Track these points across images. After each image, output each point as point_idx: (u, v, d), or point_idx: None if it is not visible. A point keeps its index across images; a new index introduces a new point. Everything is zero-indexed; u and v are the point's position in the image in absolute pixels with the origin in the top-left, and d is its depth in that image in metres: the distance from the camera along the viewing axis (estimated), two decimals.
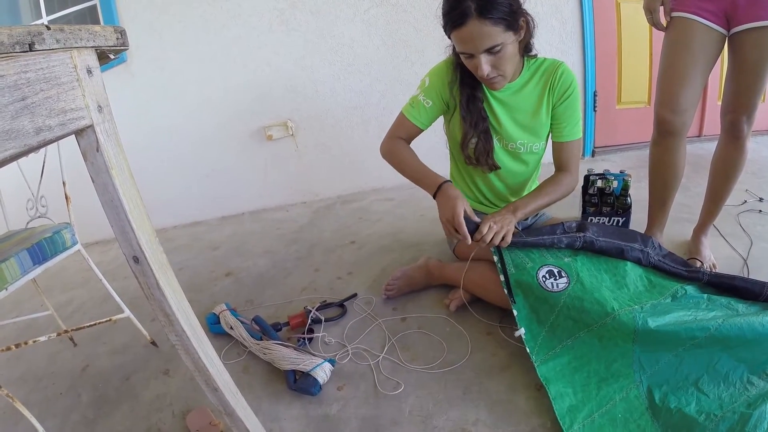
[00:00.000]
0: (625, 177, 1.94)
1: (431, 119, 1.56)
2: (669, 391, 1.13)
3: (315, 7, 2.73)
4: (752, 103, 1.55)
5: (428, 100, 1.51)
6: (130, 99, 2.74)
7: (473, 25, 1.23)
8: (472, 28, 1.24)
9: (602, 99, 3.20)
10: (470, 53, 1.30)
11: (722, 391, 1.10)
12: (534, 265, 1.40)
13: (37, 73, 0.56)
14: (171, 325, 0.80)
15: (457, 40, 1.30)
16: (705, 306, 1.29)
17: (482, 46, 1.26)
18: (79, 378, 1.56)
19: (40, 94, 0.56)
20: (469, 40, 1.26)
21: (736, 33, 1.49)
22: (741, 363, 1.13)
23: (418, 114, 1.53)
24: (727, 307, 1.28)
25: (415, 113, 1.53)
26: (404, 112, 1.55)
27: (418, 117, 1.53)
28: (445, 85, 1.50)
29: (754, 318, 1.16)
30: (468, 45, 1.28)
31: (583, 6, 2.96)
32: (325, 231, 2.52)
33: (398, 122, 1.58)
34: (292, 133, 2.90)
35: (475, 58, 1.30)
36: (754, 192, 2.39)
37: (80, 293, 2.19)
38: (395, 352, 1.46)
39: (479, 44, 1.26)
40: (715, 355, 1.14)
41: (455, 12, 1.24)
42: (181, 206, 3.02)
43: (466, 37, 1.26)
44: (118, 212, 0.71)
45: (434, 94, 1.51)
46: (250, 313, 1.75)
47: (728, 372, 1.12)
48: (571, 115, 1.50)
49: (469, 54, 1.30)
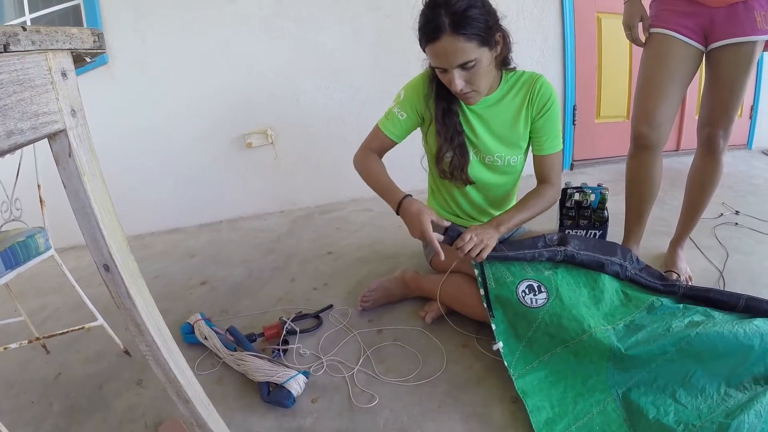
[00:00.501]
0: (602, 190, 1.95)
1: (405, 132, 1.56)
2: (647, 401, 1.13)
3: (298, 15, 2.72)
4: (729, 117, 1.58)
5: (402, 112, 1.51)
6: (110, 101, 2.70)
7: (446, 40, 1.23)
8: (446, 44, 1.24)
9: (581, 113, 3.24)
10: (444, 68, 1.30)
11: (700, 403, 1.10)
12: (514, 279, 1.41)
13: (10, 75, 0.54)
14: (141, 335, 0.79)
15: (431, 55, 1.30)
16: (681, 314, 1.30)
17: (455, 62, 1.26)
18: (51, 386, 1.52)
19: (12, 97, 0.55)
20: (443, 55, 1.26)
21: (714, 49, 1.52)
22: (717, 376, 1.13)
23: (392, 126, 1.53)
24: (704, 314, 1.29)
25: (390, 126, 1.53)
26: (379, 124, 1.55)
27: (392, 130, 1.53)
28: (420, 99, 1.50)
29: (728, 329, 1.16)
30: (441, 60, 1.28)
31: (564, 21, 3.00)
32: (303, 241, 2.50)
33: (372, 134, 1.58)
34: (272, 141, 2.88)
35: (448, 73, 1.30)
36: (731, 205, 2.43)
37: (54, 299, 2.15)
38: (370, 365, 1.44)
39: (452, 60, 1.26)
40: (690, 368, 1.14)
41: (429, 27, 1.25)
42: (159, 212, 2.97)
43: (440, 52, 1.26)
44: (89, 219, 0.69)
45: (409, 107, 1.51)
46: (226, 323, 1.73)
47: (704, 385, 1.13)
48: (551, 128, 1.49)
49: (442, 69, 1.31)
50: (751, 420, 1.00)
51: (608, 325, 1.29)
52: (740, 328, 1.16)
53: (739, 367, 1.13)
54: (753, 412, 1.02)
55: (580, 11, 3.03)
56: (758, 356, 1.13)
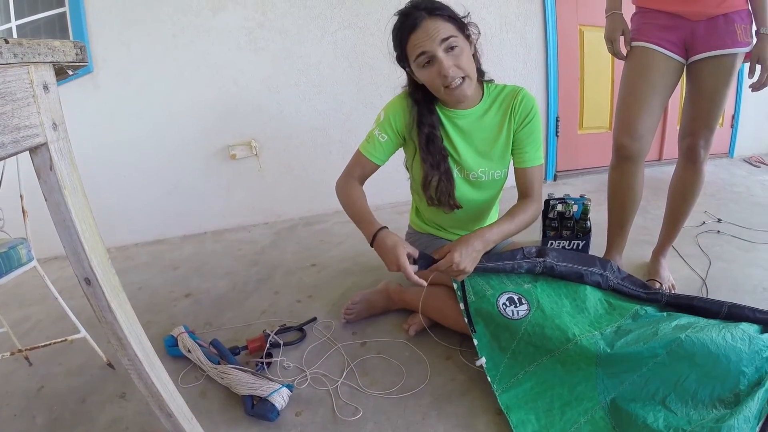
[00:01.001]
0: (584, 201, 1.97)
1: (388, 154, 1.54)
2: (636, 408, 1.13)
3: (283, 27, 2.72)
4: (709, 128, 1.60)
5: (383, 134, 1.49)
6: (94, 110, 2.67)
7: (427, 22, 1.28)
8: (428, 25, 1.28)
9: (564, 124, 3.27)
10: (430, 54, 1.30)
11: (690, 409, 1.10)
12: (494, 292, 1.41)
13: None
14: (123, 348, 0.79)
15: (414, 45, 1.31)
16: (666, 320, 1.30)
17: (439, 38, 1.28)
18: (34, 399, 1.50)
19: None
20: (426, 39, 1.28)
21: (695, 61, 1.55)
22: (710, 379, 1.12)
23: (374, 150, 1.51)
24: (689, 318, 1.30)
25: (371, 149, 1.51)
26: (360, 149, 1.53)
27: (374, 153, 1.51)
28: (399, 118, 1.49)
29: (716, 332, 1.17)
30: (426, 43, 1.29)
31: (547, 34, 3.04)
32: (287, 253, 2.49)
33: (355, 160, 1.55)
34: (256, 152, 2.87)
35: (435, 63, 1.31)
36: (713, 213, 2.47)
37: (37, 310, 2.11)
38: (354, 377, 1.43)
39: (435, 37, 1.28)
40: (683, 372, 1.13)
41: (407, 20, 1.30)
42: (143, 223, 2.94)
43: (422, 36, 1.29)
44: (70, 233, 0.70)
45: (389, 129, 1.49)
46: (209, 335, 1.71)
47: (696, 389, 1.12)
48: (532, 141, 1.49)
49: (429, 57, 1.31)
50: (740, 425, 1.01)
51: (595, 331, 1.29)
52: (728, 332, 1.18)
53: (731, 370, 1.12)
54: (742, 417, 1.03)
55: (563, 24, 3.08)
56: (748, 359, 1.13)
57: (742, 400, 1.08)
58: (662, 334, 1.20)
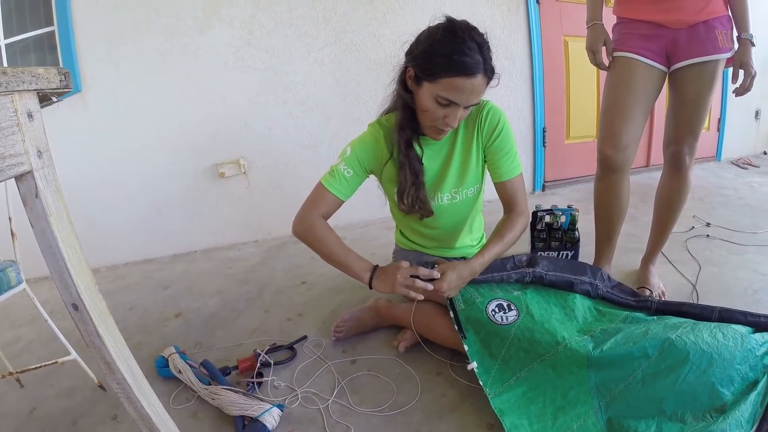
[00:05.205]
0: (572, 212, 1.98)
1: (352, 190, 1.49)
2: (629, 416, 1.13)
3: (270, 45, 2.74)
4: (693, 135, 1.61)
5: (349, 169, 1.44)
6: (83, 129, 2.65)
7: (479, 79, 1.22)
8: (478, 82, 1.22)
9: (551, 134, 3.30)
10: (456, 103, 1.25)
11: (686, 412, 1.10)
12: (483, 299, 1.41)
13: None
14: (112, 373, 0.79)
15: (451, 88, 1.22)
16: (656, 321, 1.31)
17: (472, 101, 1.25)
18: (25, 421, 1.48)
19: None
20: (468, 92, 1.23)
21: (677, 69, 1.56)
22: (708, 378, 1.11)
23: (338, 184, 1.44)
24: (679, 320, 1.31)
25: (335, 183, 1.44)
26: (323, 182, 1.46)
27: (339, 187, 1.45)
28: (368, 154, 1.46)
29: (707, 332, 1.18)
30: (461, 96, 1.23)
31: (532, 45, 3.07)
32: (277, 271, 2.49)
33: (316, 194, 1.48)
34: (245, 171, 2.87)
35: (450, 108, 1.26)
36: (702, 217, 2.48)
37: (28, 331, 2.09)
38: (345, 396, 1.42)
39: (472, 99, 1.25)
40: (680, 372, 1.12)
41: (470, 61, 1.20)
42: (133, 242, 2.92)
43: (468, 88, 1.22)
44: (56, 259, 0.70)
45: (356, 164, 1.45)
46: (200, 356, 1.69)
47: (696, 390, 1.11)
48: (506, 153, 1.46)
49: (451, 103, 1.25)
50: (732, 430, 1.01)
51: (585, 335, 1.29)
52: (719, 331, 1.18)
53: (726, 368, 1.12)
54: (734, 422, 1.03)
55: (547, 35, 3.12)
56: (742, 357, 1.14)
57: (736, 402, 1.08)
58: (652, 333, 1.21)
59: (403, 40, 1.34)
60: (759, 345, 1.18)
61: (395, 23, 2.86)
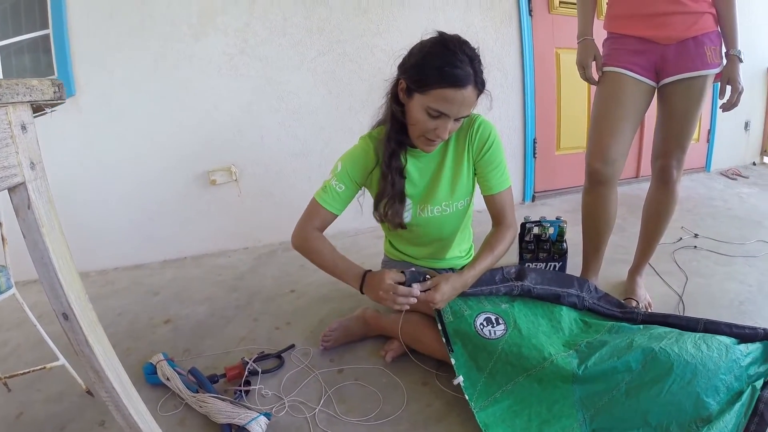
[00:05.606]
0: (560, 224, 1.99)
1: (345, 204, 1.52)
2: (614, 428, 1.14)
3: (263, 53, 2.75)
4: (682, 148, 1.63)
5: (341, 185, 1.47)
6: (76, 133, 2.64)
7: (469, 91, 1.24)
8: (468, 94, 1.24)
9: (542, 145, 3.32)
10: (447, 115, 1.26)
11: (671, 422, 1.10)
12: (472, 312, 1.42)
13: None
14: (101, 381, 0.80)
15: (442, 99, 1.24)
16: (641, 331, 1.33)
17: (462, 113, 1.27)
18: (12, 426, 1.48)
19: None
20: (458, 104, 1.24)
21: (666, 84, 1.58)
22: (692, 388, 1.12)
23: (330, 199, 1.48)
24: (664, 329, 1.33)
25: (328, 198, 1.48)
26: (316, 197, 1.50)
27: (331, 203, 1.48)
28: (358, 167, 1.48)
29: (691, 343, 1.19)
30: (452, 107, 1.25)
31: (524, 57, 3.10)
32: (266, 278, 2.49)
33: (311, 210, 1.53)
34: (236, 178, 2.87)
35: (441, 120, 1.28)
36: (690, 228, 2.50)
37: (16, 335, 2.07)
38: (332, 405, 1.43)
39: (462, 111, 1.26)
40: (664, 384, 1.13)
41: (460, 72, 1.22)
42: (123, 247, 2.91)
43: (458, 99, 1.23)
44: (48, 270, 0.71)
45: (348, 179, 1.48)
46: (189, 363, 1.69)
47: (680, 401, 1.12)
48: (496, 166, 1.48)
49: (442, 114, 1.27)
50: None
51: (570, 349, 1.30)
52: (703, 342, 1.19)
53: (711, 379, 1.13)
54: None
55: (539, 48, 3.14)
56: (726, 368, 1.15)
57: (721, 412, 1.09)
58: (637, 345, 1.22)
59: (397, 52, 1.36)
60: (744, 356, 1.20)
61: (388, 34, 2.87)
